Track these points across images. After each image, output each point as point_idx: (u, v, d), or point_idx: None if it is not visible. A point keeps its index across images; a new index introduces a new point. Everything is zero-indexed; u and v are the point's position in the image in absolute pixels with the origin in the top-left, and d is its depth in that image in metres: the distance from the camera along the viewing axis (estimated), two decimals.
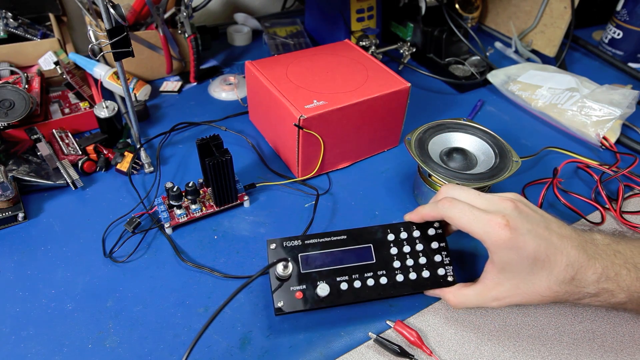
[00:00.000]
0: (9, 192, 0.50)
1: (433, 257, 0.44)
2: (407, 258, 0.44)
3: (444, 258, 0.44)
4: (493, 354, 0.42)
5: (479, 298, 0.41)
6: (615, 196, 0.57)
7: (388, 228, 0.45)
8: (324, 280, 0.41)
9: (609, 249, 0.39)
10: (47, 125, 0.61)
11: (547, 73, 0.73)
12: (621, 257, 0.38)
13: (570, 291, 0.38)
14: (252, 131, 0.67)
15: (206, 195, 0.54)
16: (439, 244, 0.45)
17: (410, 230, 0.45)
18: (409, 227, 0.45)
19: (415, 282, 0.43)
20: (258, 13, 1.03)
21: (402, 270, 0.43)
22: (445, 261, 0.44)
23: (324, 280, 0.41)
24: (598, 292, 0.38)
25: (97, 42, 0.52)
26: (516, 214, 0.38)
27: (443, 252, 0.44)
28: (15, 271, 0.47)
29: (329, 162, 0.59)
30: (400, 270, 0.43)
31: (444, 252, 0.44)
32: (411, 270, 0.43)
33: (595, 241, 0.39)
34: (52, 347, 0.41)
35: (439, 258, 0.44)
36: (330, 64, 0.62)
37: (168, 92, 0.75)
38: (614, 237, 0.40)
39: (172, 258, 0.49)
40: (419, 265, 0.44)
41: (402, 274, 0.43)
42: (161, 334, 0.42)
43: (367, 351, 0.42)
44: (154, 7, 0.68)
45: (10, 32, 0.71)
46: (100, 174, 0.59)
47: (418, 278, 0.43)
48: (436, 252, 0.44)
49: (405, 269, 0.43)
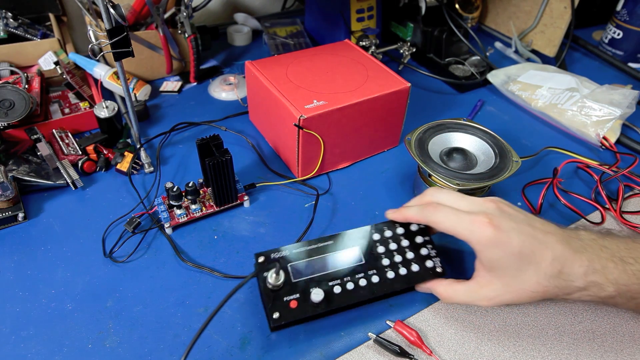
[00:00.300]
0: (9, 192, 0.50)
1: (419, 251, 0.45)
2: (395, 255, 0.45)
3: (430, 251, 0.45)
4: (493, 354, 0.42)
5: (469, 295, 0.41)
6: (615, 196, 0.57)
7: (372, 228, 0.46)
8: (317, 286, 0.41)
9: (594, 243, 0.39)
10: (47, 125, 0.61)
11: (547, 73, 0.73)
12: (607, 251, 0.38)
13: (559, 285, 0.38)
14: (252, 131, 0.67)
15: (206, 195, 0.54)
16: (423, 238, 0.46)
17: (394, 228, 0.46)
18: (392, 225, 0.46)
19: (407, 277, 0.44)
20: (258, 13, 1.03)
21: (392, 267, 0.44)
22: (432, 253, 0.45)
23: (317, 286, 0.41)
24: (586, 285, 0.38)
25: (97, 42, 0.52)
26: (499, 213, 0.39)
27: (428, 245, 0.46)
28: (15, 271, 0.47)
29: (329, 162, 0.59)
30: (389, 267, 0.44)
31: (429, 245, 0.46)
32: (400, 266, 0.44)
33: (581, 236, 0.40)
34: (52, 347, 0.41)
35: (425, 251, 0.45)
36: (330, 64, 0.62)
37: (168, 92, 0.75)
38: (600, 233, 0.41)
39: (172, 258, 0.49)
40: (407, 260, 0.44)
41: (393, 271, 0.44)
42: (161, 334, 0.42)
43: (367, 351, 0.42)
44: (154, 7, 0.68)
45: (10, 32, 0.71)
46: (100, 174, 0.59)
47: (408, 272, 0.44)
48: (421, 245, 0.45)
49: (395, 266, 0.44)
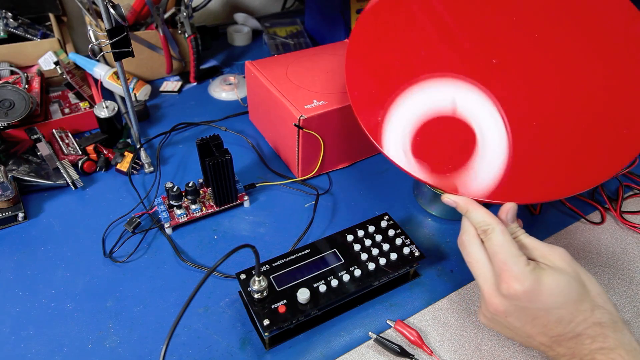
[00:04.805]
0: (9, 192, 0.50)
1: (394, 242, 0.46)
2: (372, 249, 0.46)
3: (405, 240, 0.47)
4: (493, 354, 0.42)
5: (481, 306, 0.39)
6: (615, 196, 0.57)
7: (345, 232, 0.47)
8: (302, 287, 0.41)
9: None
10: (47, 125, 0.61)
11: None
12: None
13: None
14: (252, 131, 0.67)
15: (206, 195, 0.54)
16: (395, 231, 0.47)
17: (366, 228, 0.47)
18: (364, 226, 0.48)
19: (388, 266, 0.44)
20: (258, 13, 1.03)
21: (371, 260, 0.45)
22: (407, 242, 0.47)
23: (302, 287, 0.41)
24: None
25: (97, 42, 0.52)
26: (499, 319, 0.36)
27: (402, 236, 0.47)
28: (15, 271, 0.47)
29: (329, 162, 0.59)
30: (369, 260, 0.45)
31: (402, 236, 0.47)
32: (379, 257, 0.45)
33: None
34: (52, 347, 0.41)
35: (400, 241, 0.46)
36: (330, 64, 0.62)
37: (168, 92, 0.75)
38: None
39: (172, 258, 0.49)
40: (385, 252, 0.46)
41: (373, 262, 0.44)
42: (161, 334, 0.42)
43: (367, 351, 0.42)
44: (154, 7, 0.68)
45: (10, 32, 0.71)
46: (100, 174, 0.59)
47: (388, 262, 0.45)
48: (395, 237, 0.47)
49: (374, 258, 0.45)
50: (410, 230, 0.53)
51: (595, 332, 0.34)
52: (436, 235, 0.53)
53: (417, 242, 0.51)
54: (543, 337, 0.35)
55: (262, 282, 0.40)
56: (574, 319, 0.34)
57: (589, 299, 0.35)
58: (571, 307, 0.34)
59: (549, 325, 0.35)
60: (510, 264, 0.35)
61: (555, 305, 0.34)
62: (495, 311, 0.36)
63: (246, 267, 0.44)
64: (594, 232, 0.54)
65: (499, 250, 0.36)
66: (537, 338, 0.36)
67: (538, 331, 0.35)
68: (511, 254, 0.35)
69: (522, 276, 0.34)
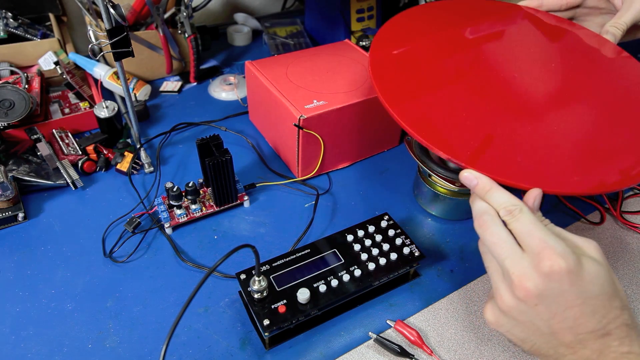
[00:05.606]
0: (9, 192, 0.50)
1: (394, 242, 0.46)
2: (372, 249, 0.46)
3: (405, 239, 0.47)
4: (493, 354, 0.42)
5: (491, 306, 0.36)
6: (615, 196, 0.57)
7: (345, 232, 0.47)
8: (302, 287, 0.41)
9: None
10: (47, 125, 0.61)
11: None
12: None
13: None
14: (252, 131, 0.67)
15: (206, 195, 0.54)
16: (395, 231, 0.47)
17: (366, 228, 0.48)
18: (364, 226, 0.48)
19: (387, 266, 0.44)
20: (258, 13, 1.03)
21: (371, 260, 0.45)
22: (407, 242, 0.47)
23: (302, 287, 0.41)
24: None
25: (97, 42, 0.52)
26: (523, 310, 0.33)
27: (402, 236, 0.47)
28: (15, 271, 0.47)
29: (329, 162, 0.59)
30: (369, 260, 0.45)
31: (402, 236, 0.47)
32: (379, 258, 0.45)
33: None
34: (52, 347, 0.41)
35: (400, 241, 0.46)
36: (330, 64, 0.62)
37: (168, 92, 0.75)
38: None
39: (172, 258, 0.49)
40: (385, 252, 0.46)
41: (373, 262, 0.44)
42: (161, 334, 0.42)
43: (367, 351, 0.42)
44: (154, 7, 0.68)
45: (10, 32, 0.71)
46: (100, 174, 0.59)
47: (388, 262, 0.45)
48: (395, 237, 0.47)
49: (374, 258, 0.45)
50: (410, 230, 0.53)
51: (624, 334, 0.32)
52: (436, 235, 0.53)
53: (417, 242, 0.51)
54: (569, 334, 0.32)
55: (262, 282, 0.40)
56: (607, 315, 0.32)
57: (620, 297, 0.33)
58: (606, 301, 0.32)
59: (581, 319, 0.32)
60: (551, 241, 0.31)
61: (592, 293, 0.31)
62: (525, 296, 0.32)
63: (246, 267, 0.44)
64: (594, 232, 0.54)
65: (533, 228, 0.32)
66: (562, 336, 0.32)
67: (566, 326, 0.32)
68: (548, 232, 0.32)
69: (567, 254, 0.31)
